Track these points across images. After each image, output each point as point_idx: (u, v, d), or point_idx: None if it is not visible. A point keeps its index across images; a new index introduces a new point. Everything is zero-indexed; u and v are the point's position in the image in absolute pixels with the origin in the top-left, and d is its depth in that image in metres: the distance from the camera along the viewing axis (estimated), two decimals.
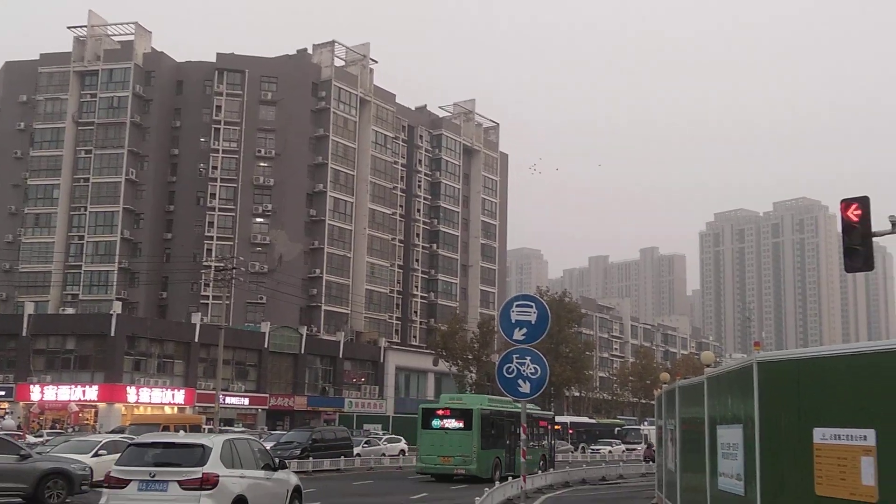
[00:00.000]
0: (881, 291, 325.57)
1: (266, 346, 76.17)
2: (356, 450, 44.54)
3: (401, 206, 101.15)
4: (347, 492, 27.60)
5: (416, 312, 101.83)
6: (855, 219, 13.90)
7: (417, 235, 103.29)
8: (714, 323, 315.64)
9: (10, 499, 19.36)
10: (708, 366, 15.81)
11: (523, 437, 14.99)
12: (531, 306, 14.15)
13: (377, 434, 58.11)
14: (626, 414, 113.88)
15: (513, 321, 14.04)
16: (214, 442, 14.76)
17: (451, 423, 34.01)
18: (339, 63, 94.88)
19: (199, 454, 14.18)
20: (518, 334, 13.98)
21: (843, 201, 14.19)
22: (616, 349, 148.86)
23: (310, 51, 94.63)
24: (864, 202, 13.99)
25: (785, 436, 9.67)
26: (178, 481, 13.75)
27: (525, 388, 14.00)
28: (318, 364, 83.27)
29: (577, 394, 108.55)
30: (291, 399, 77.62)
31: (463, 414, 34.24)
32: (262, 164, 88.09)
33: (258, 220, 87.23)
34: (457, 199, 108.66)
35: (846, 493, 8.26)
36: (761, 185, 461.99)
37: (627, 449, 66.08)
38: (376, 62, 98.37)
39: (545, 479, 32.06)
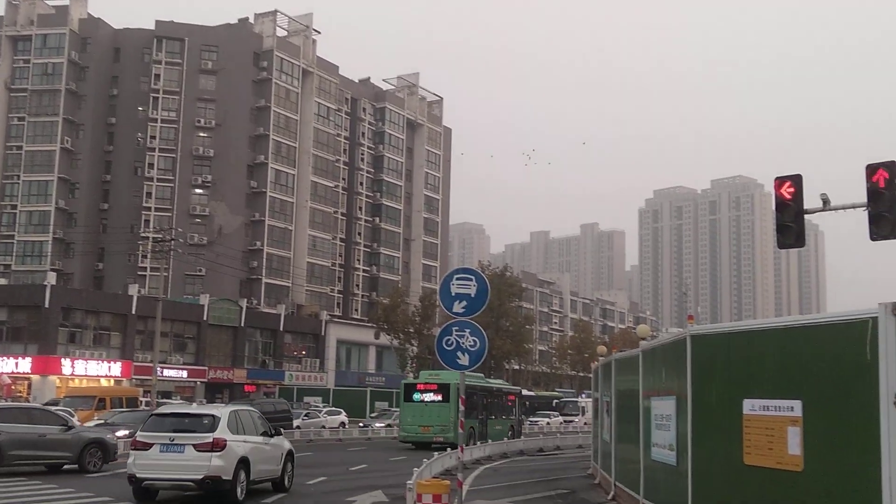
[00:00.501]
0: (812, 267, 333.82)
1: (205, 318, 75.39)
2: (296, 422, 44.51)
3: (343, 179, 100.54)
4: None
5: (357, 286, 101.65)
6: (788, 196, 14.23)
7: (360, 209, 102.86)
8: (652, 298, 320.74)
9: (58, 465, 22.46)
10: (643, 339, 16.11)
11: (461, 408, 15.12)
12: (471, 279, 14.24)
13: (317, 407, 58.09)
14: (564, 387, 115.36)
15: (453, 294, 14.13)
16: (222, 412, 17.44)
17: (430, 397, 37.57)
18: (281, 33, 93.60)
19: (210, 422, 16.95)
20: (458, 307, 14.08)
21: (776, 179, 14.51)
22: (556, 323, 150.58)
23: (251, 20, 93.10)
24: (796, 180, 14.32)
25: (716, 407, 9.94)
26: (193, 444, 16.51)
27: (464, 360, 14.13)
28: (258, 337, 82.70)
29: (516, 367, 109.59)
30: (231, 372, 77.06)
31: (441, 388, 37.62)
32: (201, 135, 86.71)
33: (197, 191, 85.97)
34: (400, 173, 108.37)
35: (773, 462, 8.54)
36: (701, 163, 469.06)
37: (565, 421, 67.05)
38: (319, 33, 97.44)
39: (484, 451, 32.45)
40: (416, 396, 38.05)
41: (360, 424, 52.69)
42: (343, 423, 51.98)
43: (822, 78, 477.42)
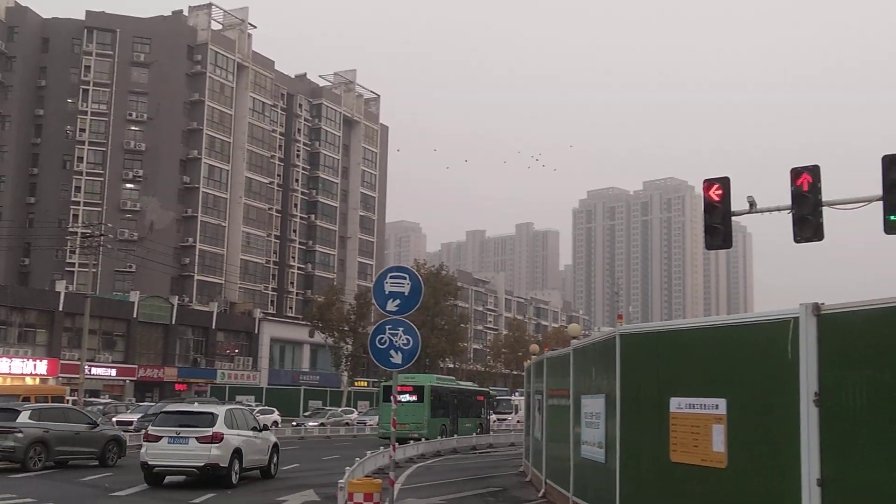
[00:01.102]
0: (741, 268, 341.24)
1: (135, 315, 74.06)
2: None
3: (278, 175, 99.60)
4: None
5: (292, 283, 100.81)
6: (716, 198, 14.52)
7: (295, 206, 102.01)
8: (585, 297, 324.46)
9: (87, 460, 24.91)
10: (574, 338, 16.28)
11: (394, 406, 15.11)
12: (405, 278, 14.24)
13: (250, 405, 57.41)
14: (498, 385, 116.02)
15: (386, 292, 14.11)
16: (220, 410, 20.79)
17: (406, 398, 41.27)
18: (216, 27, 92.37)
19: (209, 419, 20.04)
20: (391, 305, 14.06)
21: (705, 181, 14.80)
22: (490, 322, 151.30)
23: (186, 13, 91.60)
24: (724, 182, 14.62)
25: (644, 405, 10.09)
26: (196, 437, 19.60)
27: (397, 358, 14.12)
28: (189, 335, 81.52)
29: (451, 365, 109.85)
30: (161, 370, 75.81)
31: (416, 390, 42.25)
32: (133, 129, 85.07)
33: (128, 185, 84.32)
34: (336, 170, 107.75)
35: (698, 460, 8.70)
36: (634, 165, 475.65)
37: (499, 419, 67.39)
38: (255, 27, 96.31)
39: (417, 449, 32.46)
40: (402, 398, 41.12)
41: (293, 423, 52.36)
42: (276, 422, 51.53)
43: (756, 83, 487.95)
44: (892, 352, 6.59)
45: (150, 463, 19.73)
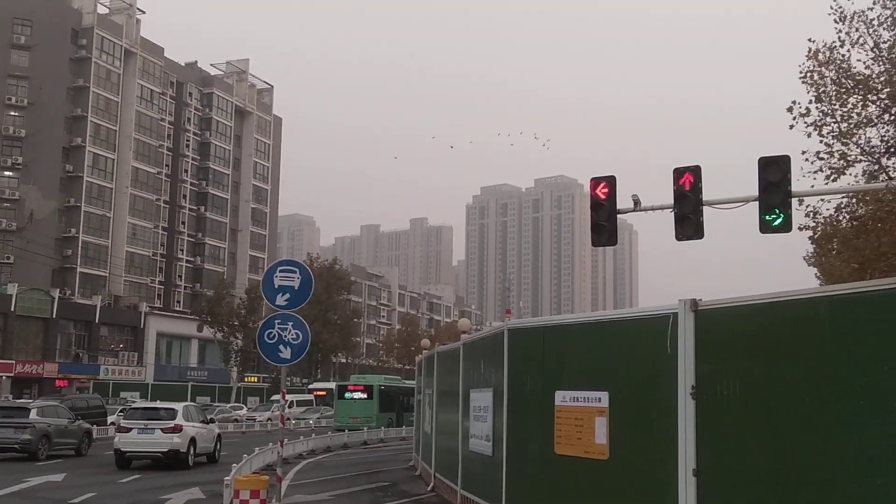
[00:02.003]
0: (627, 265, 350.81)
1: (13, 309, 71.11)
2: (110, 418, 42.61)
3: (167, 165, 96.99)
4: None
5: (180, 277, 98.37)
6: (602, 196, 14.84)
7: (184, 197, 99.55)
8: (477, 292, 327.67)
9: (70, 449, 28.85)
10: (464, 332, 16.43)
11: (282, 402, 14.93)
12: (295, 272, 14.08)
13: (134, 402, 55.89)
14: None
15: (276, 286, 13.92)
16: (179, 407, 25.45)
17: (358, 395, 49.79)
18: (102, 10, 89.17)
19: (171, 413, 24.71)
20: (281, 300, 13.88)
21: (592, 179, 15.11)
22: (384, 316, 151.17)
23: None
24: (611, 181, 14.96)
25: (530, 399, 10.25)
26: (161, 428, 23.92)
27: (286, 353, 13.96)
28: (71, 329, 78.76)
29: (343, 360, 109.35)
30: (40, 366, 72.95)
31: (366, 388, 50.46)
32: (12, 114, 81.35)
33: (7, 173, 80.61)
34: (227, 161, 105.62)
35: (581, 452, 8.88)
36: (526, 162, 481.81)
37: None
38: (144, 12, 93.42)
39: (307, 445, 32.18)
40: (347, 395, 50.36)
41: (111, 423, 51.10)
42: None
43: (648, 89, 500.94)
44: (763, 346, 6.87)
45: (122, 450, 24.03)
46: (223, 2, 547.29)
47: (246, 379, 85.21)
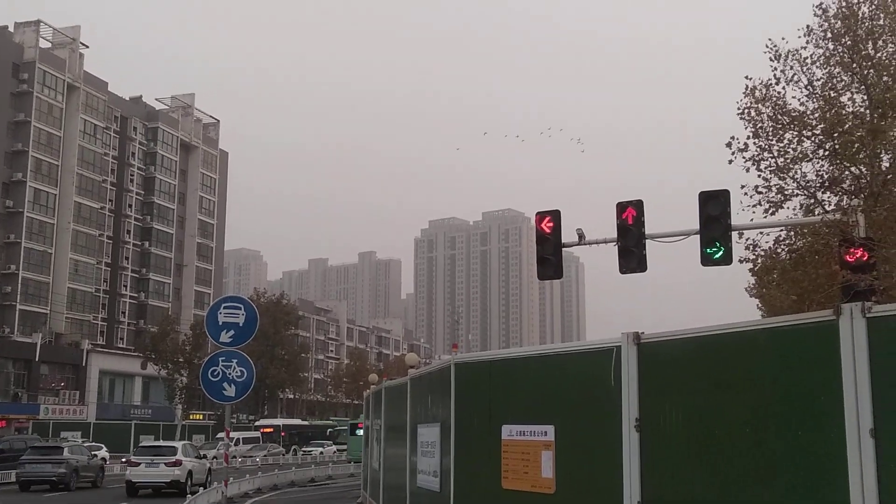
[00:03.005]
0: (574, 297, 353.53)
1: None
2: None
3: (111, 200, 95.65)
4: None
5: (124, 313, 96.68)
6: (548, 230, 14.99)
7: (128, 232, 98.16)
8: (426, 325, 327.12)
9: (88, 482, 34.63)
10: (412, 367, 16.39)
11: (225, 440, 14.71)
12: (240, 308, 13.94)
13: (76, 442, 54.58)
14: (339, 415, 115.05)
15: (220, 323, 13.77)
16: (179, 444, 32.25)
17: (360, 432, 58.42)
18: (45, 45, 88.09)
19: (173, 450, 30.72)
20: (225, 337, 13.73)
21: (537, 214, 15.27)
22: (332, 351, 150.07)
23: (11, 29, 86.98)
24: (555, 215, 15.13)
25: (477, 433, 10.24)
26: (164, 462, 29.38)
27: (230, 391, 13.79)
28: (10, 368, 76.84)
29: (291, 396, 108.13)
30: None
31: None
32: None
33: None
34: (172, 196, 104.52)
35: (528, 486, 8.88)
36: (474, 196, 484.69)
37: (339, 450, 66.87)
38: (87, 47, 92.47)
39: (253, 483, 31.72)
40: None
41: (123, 460, 50.08)
42: (104, 459, 49.10)
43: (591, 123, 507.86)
44: (705, 378, 6.98)
45: (132, 480, 30.07)
46: (170, 34, 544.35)
47: (191, 416, 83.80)
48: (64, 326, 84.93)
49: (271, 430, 73.76)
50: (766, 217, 16.57)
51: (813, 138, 16.47)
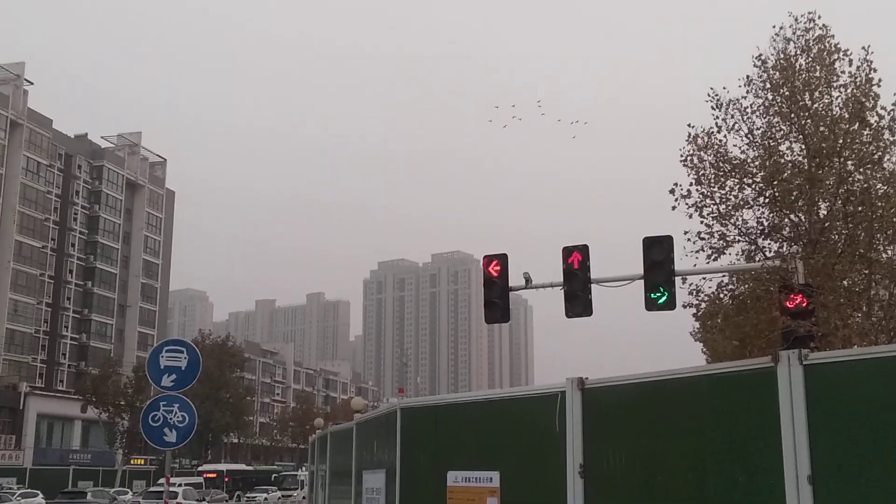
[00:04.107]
0: (522, 340, 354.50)
1: None
2: None
3: (53, 239, 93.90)
4: None
5: (64, 355, 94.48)
6: (495, 274, 15.07)
7: (71, 272, 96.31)
8: (375, 368, 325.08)
9: None
10: (358, 412, 16.26)
11: (166, 487, 14.39)
12: (182, 351, 13.73)
13: (10, 489, 52.99)
14: (285, 460, 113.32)
15: (161, 367, 13.53)
16: (180, 490, 43.90)
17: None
18: None
19: (175, 494, 40.36)
20: (167, 381, 13.49)
21: (485, 257, 15.36)
22: (278, 394, 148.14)
23: None
24: (503, 259, 15.23)
25: (423, 479, 10.16)
26: None
27: (171, 437, 13.52)
28: None
29: (236, 440, 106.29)
30: None
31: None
32: None
33: None
34: (117, 235, 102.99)
35: None
36: (424, 239, 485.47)
37: (284, 496, 65.74)
38: (32, 83, 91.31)
39: None
40: None
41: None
42: None
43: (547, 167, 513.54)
44: (648, 423, 7.04)
45: None
46: (118, 73, 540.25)
47: (132, 461, 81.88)
48: (1, 368, 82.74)
49: (214, 475, 72.27)
50: (708, 263, 16.86)
51: (753, 186, 16.86)
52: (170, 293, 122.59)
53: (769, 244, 17.15)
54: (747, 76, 17.50)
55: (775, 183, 16.29)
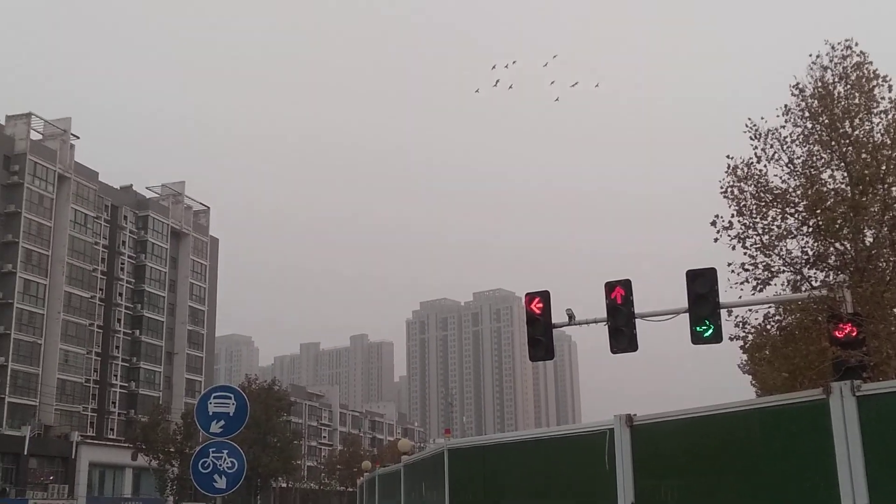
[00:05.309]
0: (567, 376, 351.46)
1: None
2: None
3: (101, 289, 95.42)
4: None
5: (114, 403, 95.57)
6: (537, 311, 15.05)
7: (119, 321, 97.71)
8: (420, 408, 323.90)
9: None
10: (405, 453, 16.24)
11: None
12: (230, 397, 13.85)
13: None
14: (334, 503, 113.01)
15: (210, 413, 13.65)
16: None
17: None
18: (36, 136, 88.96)
19: None
20: (215, 427, 13.60)
21: (527, 295, 15.36)
22: (325, 437, 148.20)
23: (3, 122, 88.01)
24: (545, 296, 15.21)
25: None
26: None
27: (221, 483, 13.60)
28: None
29: (284, 484, 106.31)
30: None
31: None
32: None
33: None
34: (163, 284, 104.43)
35: None
36: (464, 277, 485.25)
37: None
38: (78, 138, 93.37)
39: None
40: None
41: None
42: None
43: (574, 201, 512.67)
44: (698, 459, 6.98)
45: None
46: (160, 125, 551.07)
47: None
48: (53, 418, 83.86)
49: None
50: (753, 294, 16.69)
51: (796, 215, 16.70)
52: (216, 339, 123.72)
53: (815, 273, 16.95)
54: (785, 105, 17.43)
55: (818, 212, 16.15)
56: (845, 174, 16.59)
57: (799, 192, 16.70)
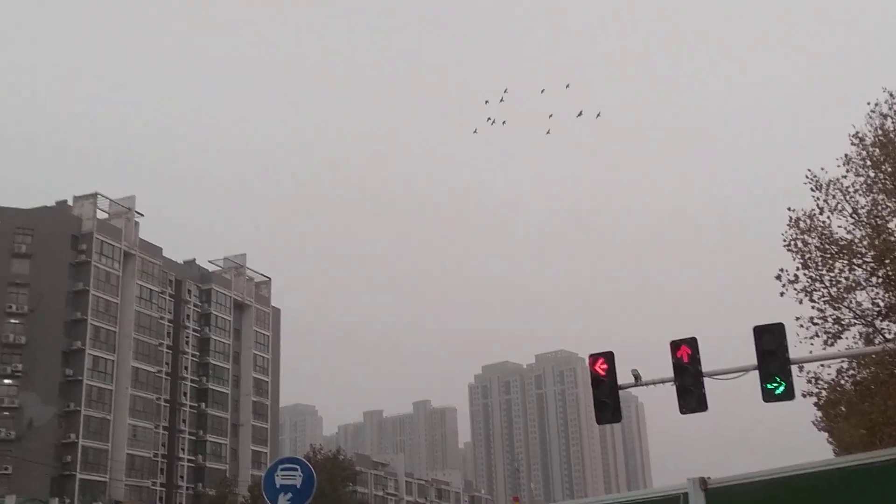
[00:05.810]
0: (636, 439, 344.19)
1: None
2: None
3: (167, 363, 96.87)
4: None
5: (182, 477, 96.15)
6: (602, 373, 14.86)
7: (185, 394, 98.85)
8: (486, 475, 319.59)
9: None
10: None
11: None
12: (296, 469, 13.84)
13: None
14: None
15: (277, 486, 13.64)
16: None
17: None
18: (101, 216, 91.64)
19: None
20: (283, 500, 13.57)
21: (590, 356, 15.19)
22: None
23: (70, 202, 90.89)
24: (609, 357, 15.02)
25: None
26: None
27: None
28: None
29: None
30: None
31: None
32: (12, 321, 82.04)
33: (6, 381, 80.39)
34: (227, 356, 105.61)
35: None
36: (526, 339, 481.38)
37: None
38: (142, 215, 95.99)
39: None
40: None
41: None
42: None
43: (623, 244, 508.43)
44: None
45: None
46: (222, 200, 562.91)
47: None
48: (123, 494, 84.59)
49: None
50: (824, 349, 16.29)
51: (864, 266, 16.34)
52: (280, 409, 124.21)
53: (888, 325, 16.49)
54: (845, 155, 17.20)
55: (887, 262, 15.77)
56: None
57: (865, 243, 16.36)
